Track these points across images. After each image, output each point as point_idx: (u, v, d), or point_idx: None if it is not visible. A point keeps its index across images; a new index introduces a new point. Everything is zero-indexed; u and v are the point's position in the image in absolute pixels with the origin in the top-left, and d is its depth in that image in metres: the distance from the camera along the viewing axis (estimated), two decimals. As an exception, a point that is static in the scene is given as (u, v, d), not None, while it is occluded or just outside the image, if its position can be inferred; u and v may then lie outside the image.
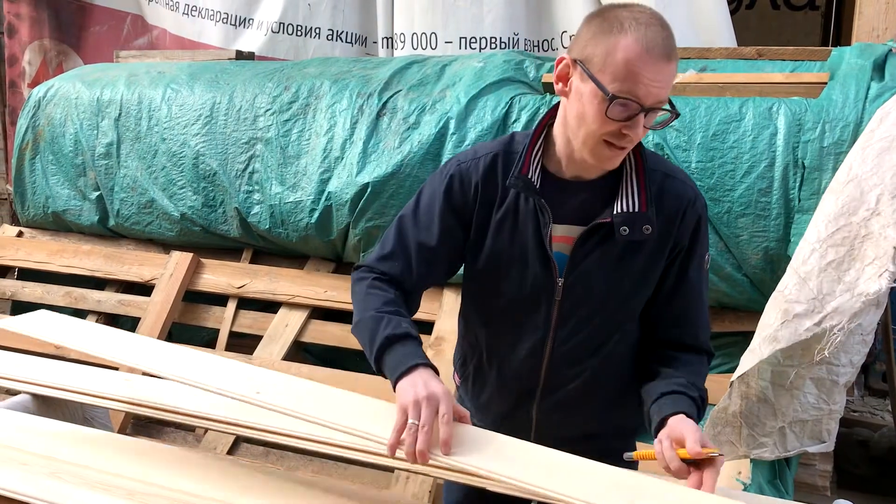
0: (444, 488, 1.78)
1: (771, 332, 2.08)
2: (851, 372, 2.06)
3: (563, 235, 1.47)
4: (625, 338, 1.57)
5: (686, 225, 1.48)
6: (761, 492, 2.13)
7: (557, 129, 1.48)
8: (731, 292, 2.69)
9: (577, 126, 1.40)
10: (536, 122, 1.53)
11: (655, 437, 1.40)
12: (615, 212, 1.44)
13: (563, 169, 1.49)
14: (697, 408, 1.44)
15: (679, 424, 1.35)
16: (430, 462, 1.31)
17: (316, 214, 3.18)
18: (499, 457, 1.34)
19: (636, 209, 1.44)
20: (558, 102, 1.49)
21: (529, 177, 1.46)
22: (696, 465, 1.31)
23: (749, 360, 2.09)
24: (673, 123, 2.63)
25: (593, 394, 1.57)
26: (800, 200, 2.52)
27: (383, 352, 1.42)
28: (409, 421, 1.31)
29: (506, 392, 1.60)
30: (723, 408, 2.13)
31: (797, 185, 2.54)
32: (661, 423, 1.40)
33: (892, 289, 2.08)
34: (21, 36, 5.32)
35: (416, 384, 1.34)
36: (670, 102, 1.37)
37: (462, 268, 1.61)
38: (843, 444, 3.47)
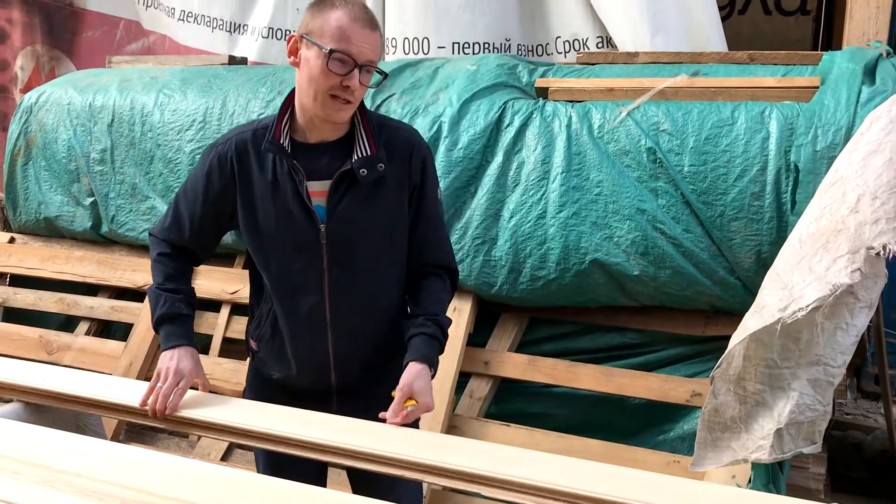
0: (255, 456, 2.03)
1: (743, 324, 2.10)
2: (842, 373, 2.07)
3: (318, 190, 1.78)
4: (392, 267, 1.88)
5: (415, 165, 1.84)
6: (755, 495, 2.13)
7: (297, 103, 1.80)
8: (724, 296, 2.70)
9: (307, 87, 1.73)
10: (283, 100, 1.84)
11: None
12: (353, 159, 1.77)
13: (307, 136, 1.81)
14: (432, 337, 1.81)
15: (406, 376, 1.76)
16: (172, 417, 1.80)
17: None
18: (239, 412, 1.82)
19: (368, 153, 1.78)
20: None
21: (281, 142, 1.78)
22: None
23: (726, 352, 2.10)
24: (665, 127, 2.67)
25: (376, 318, 1.87)
26: (794, 204, 2.53)
27: (158, 327, 1.89)
28: (158, 385, 1.80)
29: (303, 335, 1.85)
30: (713, 409, 2.13)
31: (789, 188, 2.55)
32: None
33: (884, 291, 2.09)
34: (13, 41, 5.31)
35: (171, 358, 1.83)
36: (378, 69, 1.77)
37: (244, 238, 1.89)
38: (837, 447, 3.48)
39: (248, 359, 2.03)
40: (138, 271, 3.53)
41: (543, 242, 2.79)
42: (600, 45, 3.79)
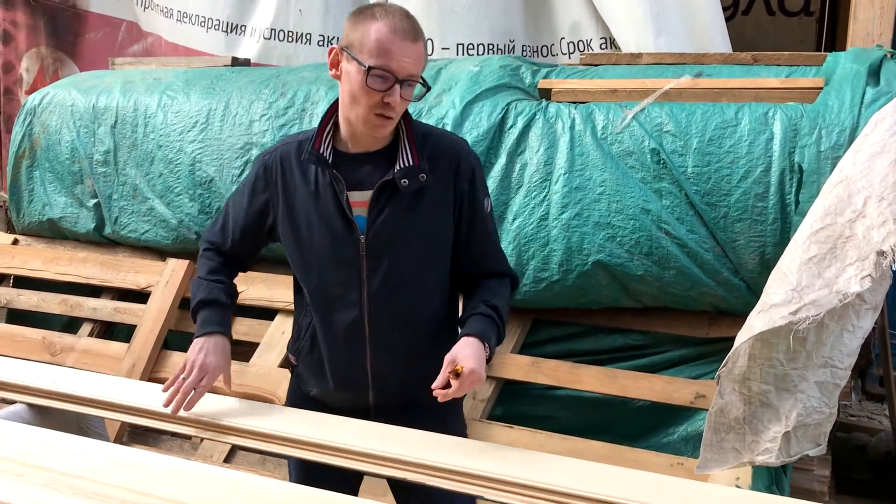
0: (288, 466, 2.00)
1: (748, 323, 2.10)
2: (849, 375, 2.07)
3: (360, 201, 1.76)
4: (434, 282, 1.83)
5: (462, 176, 1.79)
6: (759, 498, 2.12)
7: (340, 114, 1.78)
8: (728, 297, 2.69)
9: (349, 101, 1.70)
10: (325, 111, 1.82)
11: None
12: (396, 169, 1.73)
13: (349, 147, 1.78)
14: (486, 317, 1.76)
15: (456, 346, 1.69)
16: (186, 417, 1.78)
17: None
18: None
19: (411, 163, 1.74)
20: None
21: (321, 152, 1.75)
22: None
23: (731, 350, 2.10)
24: (669, 128, 2.67)
25: (416, 335, 1.82)
26: (798, 205, 2.52)
27: (195, 312, 1.87)
28: (181, 377, 1.78)
29: (341, 350, 1.82)
30: (719, 410, 2.12)
31: (793, 189, 2.54)
32: None
33: (889, 293, 2.08)
34: (18, 43, 5.32)
35: (200, 349, 1.81)
36: (423, 79, 1.70)
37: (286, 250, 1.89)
38: (842, 449, 3.47)
39: (290, 373, 2.02)
40: (141, 273, 3.54)
41: (546, 244, 2.78)
42: (604, 46, 3.78)
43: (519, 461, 1.61)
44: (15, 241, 3.96)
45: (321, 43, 4.50)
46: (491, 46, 3.94)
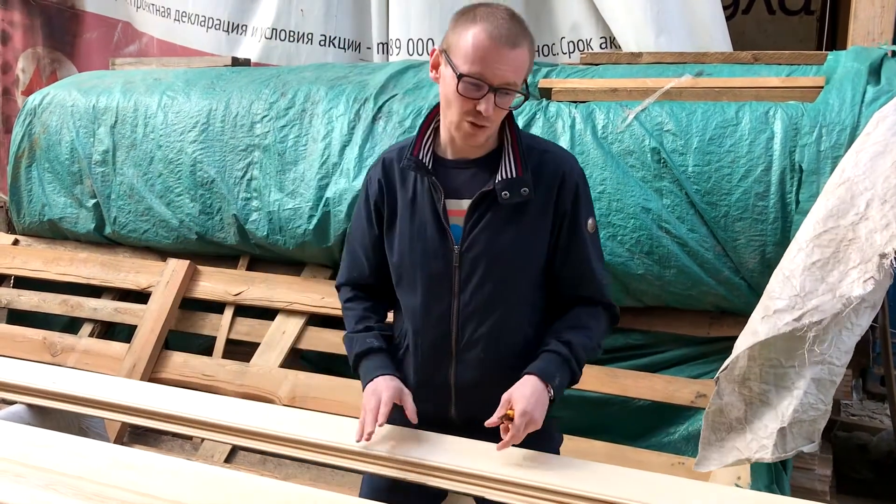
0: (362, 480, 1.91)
1: (752, 327, 2.10)
2: (844, 372, 2.07)
3: (457, 209, 1.69)
4: (525, 301, 1.74)
5: (565, 193, 1.69)
6: (760, 497, 2.12)
7: (441, 118, 1.70)
8: (729, 296, 2.69)
9: (445, 107, 1.64)
10: (425, 115, 1.76)
11: None
12: (497, 180, 1.65)
13: (449, 153, 1.72)
14: (556, 354, 1.67)
15: (516, 384, 1.62)
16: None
17: (314, 221, 3.17)
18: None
19: (514, 175, 1.65)
20: None
21: (420, 158, 1.69)
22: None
23: (731, 355, 2.10)
24: (669, 128, 2.67)
25: (502, 354, 1.72)
26: (798, 203, 2.52)
27: (356, 368, 1.78)
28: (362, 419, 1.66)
29: (426, 361, 1.75)
30: (717, 410, 2.13)
31: (794, 188, 2.54)
32: None
33: (890, 290, 2.08)
34: (14, 43, 5.31)
35: (371, 393, 1.68)
36: (526, 86, 1.62)
37: None
38: (842, 449, 3.47)
39: None
40: (142, 273, 3.54)
41: (547, 243, 2.78)
42: (604, 45, 3.78)
43: (519, 461, 1.61)
44: (15, 242, 3.96)
45: (323, 43, 4.50)
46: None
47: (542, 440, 1.69)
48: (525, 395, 1.59)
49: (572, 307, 1.76)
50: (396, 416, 1.76)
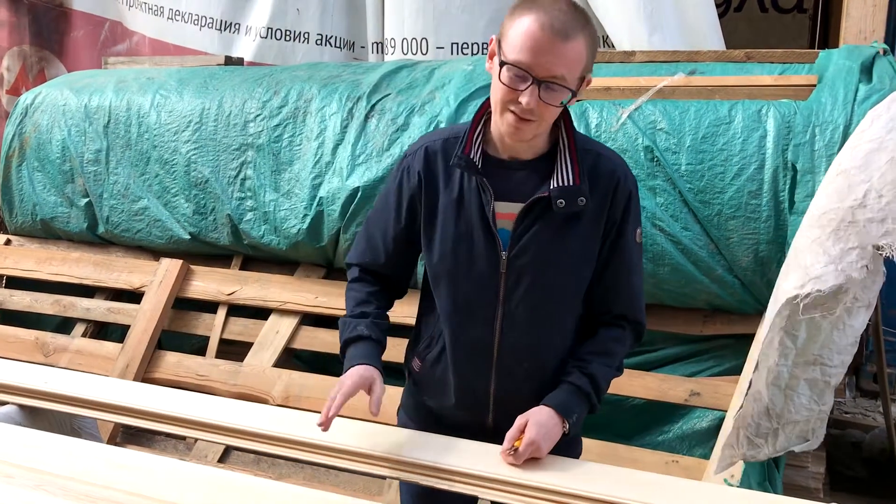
0: (399, 488, 1.87)
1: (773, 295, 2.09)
2: (842, 373, 2.06)
3: (506, 212, 1.59)
4: (570, 311, 1.67)
5: (618, 201, 1.61)
6: (753, 495, 2.13)
7: (491, 111, 1.60)
8: (723, 294, 2.69)
9: (494, 98, 1.55)
10: (478, 107, 1.65)
11: None
12: (552, 186, 1.56)
13: (500, 150, 1.62)
14: (577, 388, 1.61)
15: (535, 410, 1.57)
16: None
17: (308, 220, 3.17)
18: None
19: (571, 183, 1.56)
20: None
21: (471, 157, 1.58)
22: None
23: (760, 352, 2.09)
24: (663, 126, 2.67)
25: (543, 366, 1.66)
26: (792, 203, 2.52)
27: (342, 353, 1.69)
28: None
29: (466, 368, 1.68)
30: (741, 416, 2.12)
31: (787, 187, 2.54)
32: None
33: (883, 289, 2.09)
34: (0, 42, 5.28)
35: (340, 380, 1.60)
36: (580, 81, 1.52)
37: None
38: (836, 446, 3.47)
39: (407, 378, 1.85)
40: (135, 273, 3.53)
41: (541, 242, 2.78)
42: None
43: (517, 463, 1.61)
44: (8, 242, 3.95)
45: (319, 42, 4.50)
46: (486, 46, 3.94)
47: (566, 447, 1.64)
48: (539, 424, 1.55)
49: (601, 325, 1.69)
50: (407, 420, 1.76)
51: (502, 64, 1.48)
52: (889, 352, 3.93)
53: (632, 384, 2.73)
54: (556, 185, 1.56)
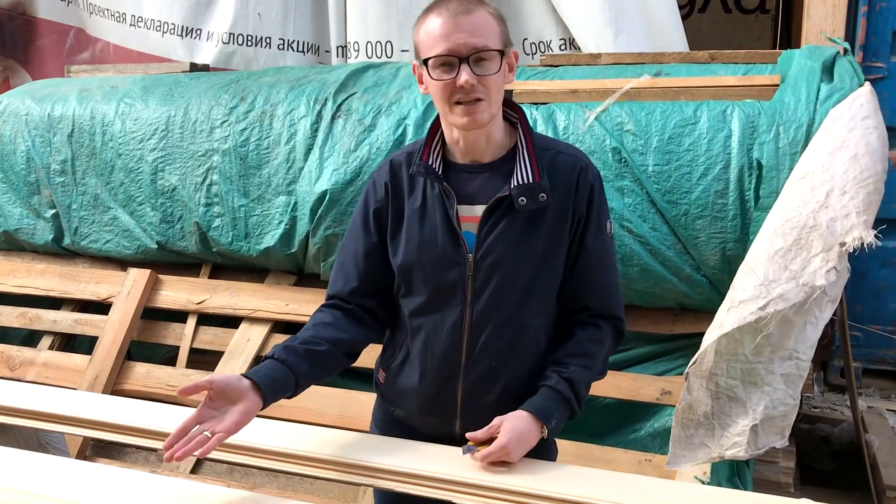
0: (374, 495, 1.86)
1: (718, 320, 2.12)
2: (810, 366, 2.10)
3: (470, 216, 1.61)
4: (540, 312, 1.66)
5: (581, 194, 1.62)
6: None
7: (441, 122, 1.64)
8: (691, 293, 2.72)
9: (439, 106, 1.58)
10: (430, 123, 1.69)
11: None
12: (512, 185, 1.58)
13: (459, 157, 1.64)
14: (556, 392, 1.60)
15: (512, 415, 1.55)
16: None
17: (281, 225, 3.15)
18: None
19: (531, 180, 1.57)
20: None
21: (430, 163, 1.62)
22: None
23: (699, 349, 2.12)
24: (629, 128, 2.69)
25: (513, 366, 1.65)
26: (757, 200, 2.56)
27: None
28: None
29: (432, 373, 1.68)
30: (687, 406, 2.14)
31: (752, 186, 2.57)
32: None
33: (847, 285, 2.12)
34: (-35, 52, 5.20)
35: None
36: (504, 47, 1.54)
37: None
38: (805, 441, 3.52)
39: (375, 390, 1.84)
40: (102, 283, 3.48)
41: (511, 245, 2.78)
42: (563, 46, 3.80)
43: (483, 464, 1.61)
44: (-30, 254, 3.88)
45: (281, 47, 4.47)
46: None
47: (542, 451, 1.63)
48: (513, 430, 1.53)
49: (577, 325, 1.69)
50: (391, 430, 1.76)
51: (426, 64, 1.52)
52: (854, 346, 3.99)
53: (604, 384, 2.73)
54: (516, 184, 1.58)
